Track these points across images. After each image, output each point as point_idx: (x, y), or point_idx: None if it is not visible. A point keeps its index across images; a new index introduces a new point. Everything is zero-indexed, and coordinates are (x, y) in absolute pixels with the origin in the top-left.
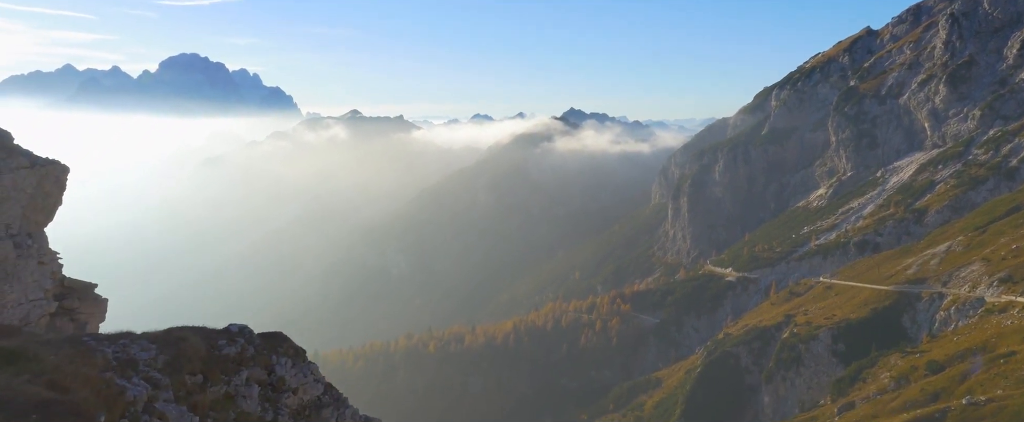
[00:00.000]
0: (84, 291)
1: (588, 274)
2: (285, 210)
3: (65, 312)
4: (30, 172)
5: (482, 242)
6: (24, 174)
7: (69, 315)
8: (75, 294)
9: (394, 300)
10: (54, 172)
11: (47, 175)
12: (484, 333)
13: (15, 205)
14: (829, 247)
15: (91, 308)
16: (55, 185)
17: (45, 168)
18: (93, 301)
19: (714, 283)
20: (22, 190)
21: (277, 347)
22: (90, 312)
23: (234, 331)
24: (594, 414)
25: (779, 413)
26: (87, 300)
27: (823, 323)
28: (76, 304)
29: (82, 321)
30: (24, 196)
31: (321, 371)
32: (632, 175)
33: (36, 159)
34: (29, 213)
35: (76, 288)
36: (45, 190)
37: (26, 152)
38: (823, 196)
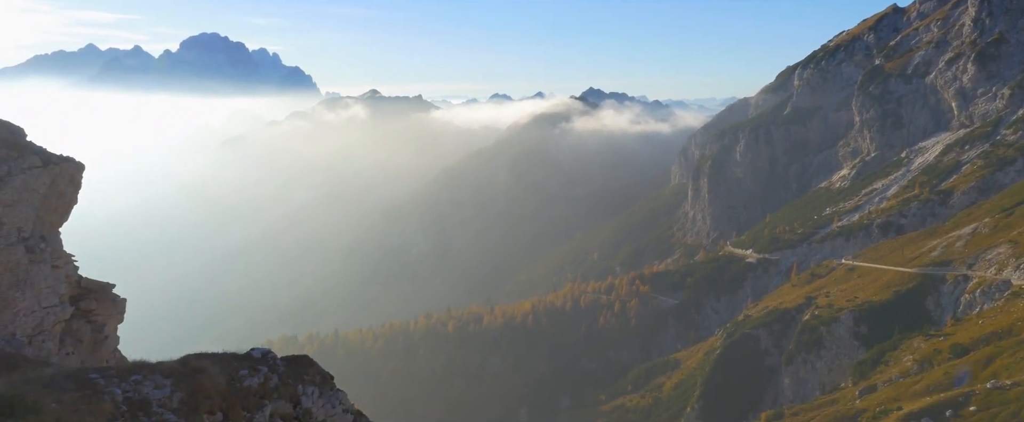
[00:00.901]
0: (101, 292)
1: (607, 255)
2: (304, 190)
3: (82, 314)
4: (43, 171)
5: (501, 222)
6: (36, 174)
7: (86, 317)
8: (92, 295)
9: (413, 280)
10: (68, 170)
11: (61, 174)
12: (503, 313)
13: (27, 207)
14: (852, 229)
15: (108, 309)
16: (70, 184)
17: (59, 166)
18: (111, 302)
19: (734, 264)
20: (35, 191)
21: (303, 374)
22: (107, 314)
23: (256, 357)
24: (612, 395)
25: (799, 395)
26: (104, 301)
27: (845, 305)
28: (93, 305)
29: (99, 323)
30: (37, 197)
31: (341, 350)
32: (652, 155)
33: (49, 157)
34: (42, 214)
35: (93, 289)
36: (59, 189)
37: (39, 149)
38: (846, 177)
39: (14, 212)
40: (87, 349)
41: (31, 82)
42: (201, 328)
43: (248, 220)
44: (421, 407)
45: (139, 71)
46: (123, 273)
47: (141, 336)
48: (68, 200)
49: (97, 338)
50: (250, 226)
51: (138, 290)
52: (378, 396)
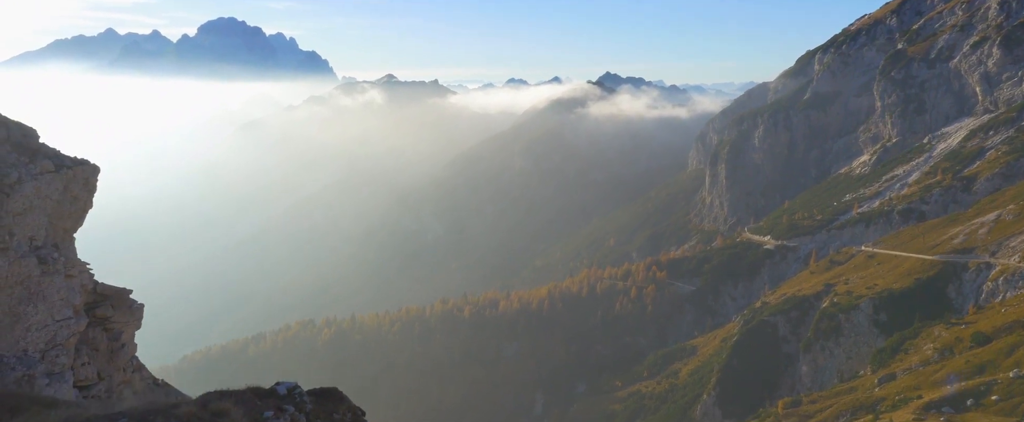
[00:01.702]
0: (118, 298)
1: (623, 241)
2: (321, 175)
3: (98, 321)
4: (56, 177)
5: (517, 208)
6: (49, 179)
7: (102, 325)
8: (108, 301)
9: (429, 265)
10: (82, 174)
11: (74, 178)
12: (519, 299)
13: (40, 214)
14: (872, 215)
15: (125, 316)
16: (84, 188)
17: (72, 170)
18: (127, 309)
19: (752, 251)
20: (47, 197)
21: (333, 412)
22: (124, 320)
23: (282, 394)
24: (628, 381)
25: (817, 383)
26: (121, 308)
27: (864, 293)
28: (109, 312)
29: (116, 331)
30: (49, 203)
31: (358, 335)
32: (669, 140)
33: (62, 160)
34: (56, 220)
35: (109, 295)
36: (73, 194)
37: (52, 152)
38: (867, 163)
39: (25, 221)
40: (104, 358)
41: (51, 67)
42: (218, 313)
43: (265, 205)
44: (437, 392)
45: (157, 55)
46: (140, 258)
47: (159, 322)
48: (82, 205)
49: (113, 346)
50: (267, 211)
51: (155, 275)
52: (394, 380)
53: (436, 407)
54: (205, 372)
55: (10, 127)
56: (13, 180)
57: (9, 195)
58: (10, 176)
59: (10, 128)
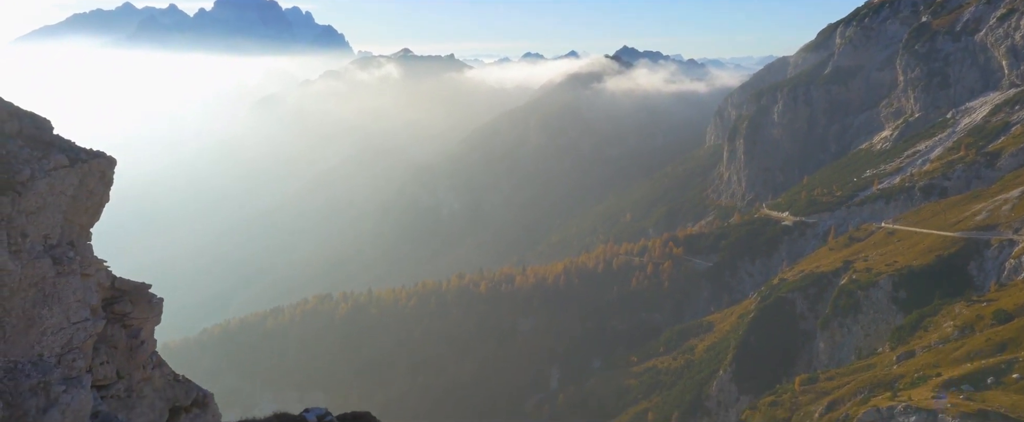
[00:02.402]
0: (136, 293)
1: (640, 216)
2: (338, 149)
3: (116, 318)
4: (70, 171)
5: (533, 183)
6: (63, 174)
7: (120, 321)
8: (127, 297)
9: (444, 239)
10: (99, 167)
11: (90, 171)
12: (535, 274)
13: (54, 212)
14: (892, 191)
15: (144, 312)
16: (100, 181)
17: (88, 164)
18: (147, 304)
19: (770, 227)
20: (62, 193)
21: None
22: (143, 316)
23: (311, 421)
24: (644, 356)
25: (834, 360)
26: (140, 303)
27: (884, 270)
28: (128, 309)
29: (135, 327)
30: (64, 199)
31: (375, 309)
32: (686, 115)
33: (77, 153)
34: (71, 217)
35: (127, 290)
36: (89, 188)
37: (66, 145)
38: (888, 138)
39: (39, 219)
40: (123, 356)
41: (70, 41)
42: (236, 286)
43: (281, 180)
44: (453, 366)
45: (174, 30)
46: (158, 232)
47: (178, 295)
48: (99, 199)
49: (133, 344)
50: (283, 186)
51: (173, 249)
52: (411, 354)
53: (452, 380)
54: (225, 344)
55: (22, 119)
56: (26, 177)
57: (22, 194)
58: (22, 173)
59: (22, 120)
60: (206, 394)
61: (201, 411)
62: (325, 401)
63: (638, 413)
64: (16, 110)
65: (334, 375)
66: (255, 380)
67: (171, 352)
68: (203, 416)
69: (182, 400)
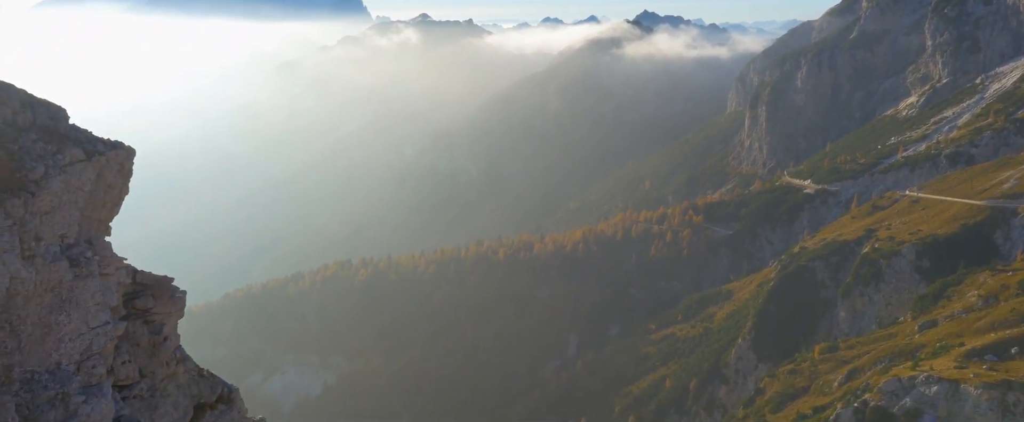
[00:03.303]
0: (159, 287)
1: (659, 183)
2: (356, 116)
3: (138, 314)
4: (87, 165)
5: (551, 149)
6: (79, 169)
7: (142, 317)
8: (148, 292)
9: (463, 206)
10: (117, 159)
11: (108, 164)
12: (553, 242)
13: (70, 209)
14: (918, 159)
15: (167, 307)
16: (119, 174)
17: (105, 157)
18: (169, 298)
19: (791, 195)
20: (78, 189)
21: None
22: (166, 312)
23: None
24: (662, 324)
25: (855, 329)
26: (163, 298)
27: (907, 238)
28: (150, 304)
29: (157, 323)
30: (81, 196)
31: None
32: (707, 81)
33: (94, 145)
34: (88, 212)
35: (149, 284)
36: (107, 182)
37: (82, 136)
38: (914, 105)
39: (54, 219)
40: (145, 354)
41: (90, 7)
42: (257, 252)
43: (300, 146)
44: (471, 333)
45: None
46: (179, 198)
47: (200, 260)
48: (118, 193)
49: (155, 341)
50: (302, 152)
51: (194, 215)
52: (429, 320)
53: (470, 347)
54: (248, 308)
55: (36, 109)
56: (39, 175)
57: (35, 194)
58: (36, 171)
59: (36, 110)
60: (232, 389)
61: (227, 407)
62: (345, 365)
63: (656, 380)
64: (29, 99)
65: (354, 340)
66: (277, 344)
67: (194, 317)
68: (229, 413)
69: (207, 396)
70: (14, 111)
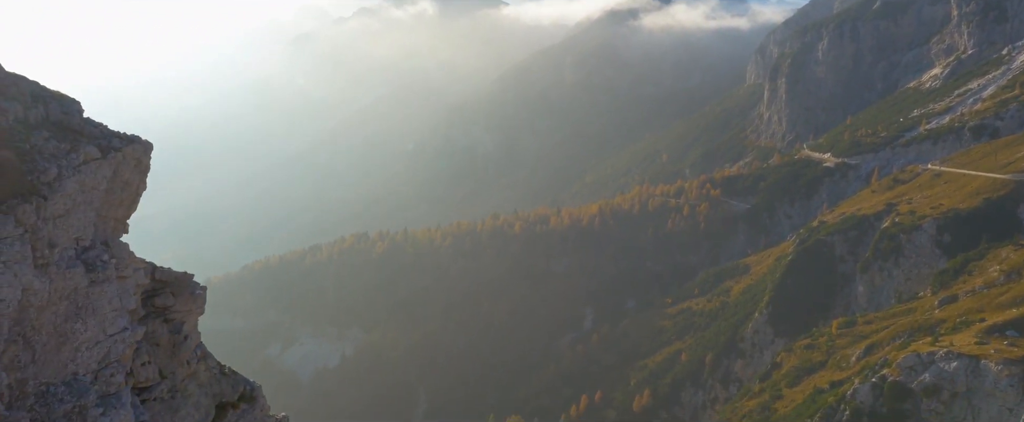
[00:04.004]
0: (178, 284)
1: (676, 157)
2: (372, 89)
3: (157, 312)
4: (102, 163)
5: (567, 123)
6: (94, 168)
7: (162, 316)
8: (168, 289)
9: (479, 179)
10: (133, 155)
11: (124, 161)
12: (569, 215)
13: (85, 210)
14: (941, 132)
15: (187, 304)
16: (135, 170)
17: (121, 153)
18: (189, 295)
19: (810, 169)
20: (94, 189)
21: None
22: (186, 309)
23: None
24: (679, 298)
25: (873, 303)
26: (182, 295)
27: (928, 213)
28: (170, 302)
29: (177, 321)
30: (96, 195)
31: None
32: (726, 53)
33: (110, 141)
34: (105, 212)
35: (168, 281)
36: (123, 180)
37: (97, 131)
38: (938, 76)
39: (68, 223)
40: (165, 353)
41: None
42: (274, 224)
43: (315, 119)
44: (487, 305)
45: None
46: (191, 173)
47: (218, 232)
48: (135, 190)
49: (176, 340)
50: (317, 125)
51: (212, 188)
52: (446, 293)
53: (486, 320)
54: (266, 280)
55: (48, 102)
56: (52, 177)
57: (48, 197)
58: (48, 173)
59: (48, 104)
60: (254, 387)
61: (249, 406)
62: (362, 337)
63: (672, 354)
64: (41, 92)
65: (370, 312)
66: (295, 315)
67: (214, 288)
68: (251, 411)
69: (229, 395)
70: (25, 107)
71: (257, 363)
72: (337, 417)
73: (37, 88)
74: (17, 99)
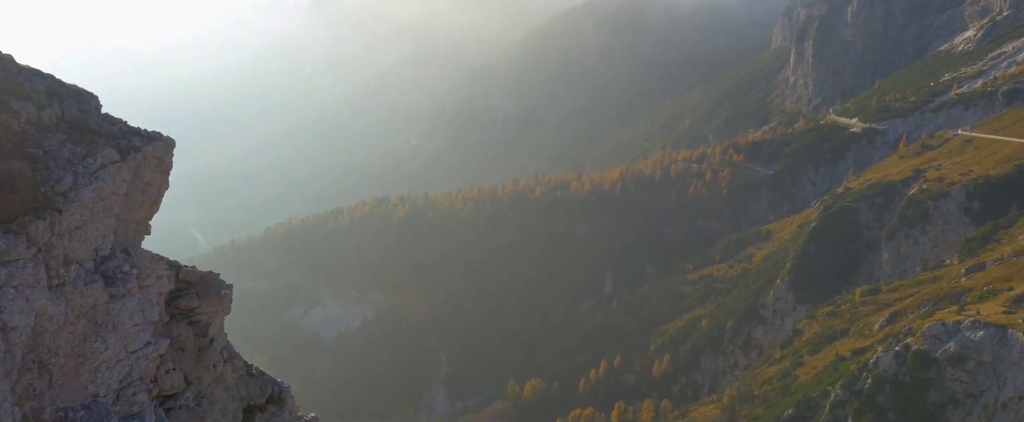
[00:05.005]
0: (204, 284)
1: (699, 122)
2: (394, 51)
3: (182, 315)
4: (122, 166)
5: (589, 86)
6: (113, 172)
7: (187, 318)
8: (193, 289)
9: (499, 143)
10: (155, 154)
11: (145, 161)
12: (590, 180)
13: (104, 219)
14: (973, 96)
15: (213, 305)
16: (157, 170)
17: (141, 153)
18: (215, 296)
19: (836, 134)
20: (113, 194)
21: None
22: (212, 311)
23: None
24: (700, 264)
25: (898, 271)
26: (208, 296)
27: (957, 179)
28: (195, 303)
29: (203, 323)
30: (116, 201)
31: (431, 213)
32: (752, 16)
33: (129, 141)
34: (125, 216)
35: (193, 281)
36: (144, 181)
37: (116, 129)
38: (971, 39)
39: (85, 234)
40: (191, 358)
41: None
42: (295, 187)
43: (336, 82)
44: (508, 270)
45: None
46: (211, 136)
47: (240, 195)
48: (157, 190)
49: (201, 343)
50: (338, 88)
51: (232, 149)
52: (466, 257)
53: (507, 284)
54: (289, 243)
55: (64, 100)
56: (67, 186)
57: (63, 210)
58: (63, 182)
59: (63, 101)
60: (282, 388)
61: (277, 409)
62: (384, 301)
63: (692, 320)
64: (56, 88)
65: (392, 276)
66: (317, 278)
67: (238, 250)
68: (280, 414)
69: (256, 397)
70: (39, 106)
71: (281, 324)
72: (359, 380)
73: (52, 83)
74: (30, 98)
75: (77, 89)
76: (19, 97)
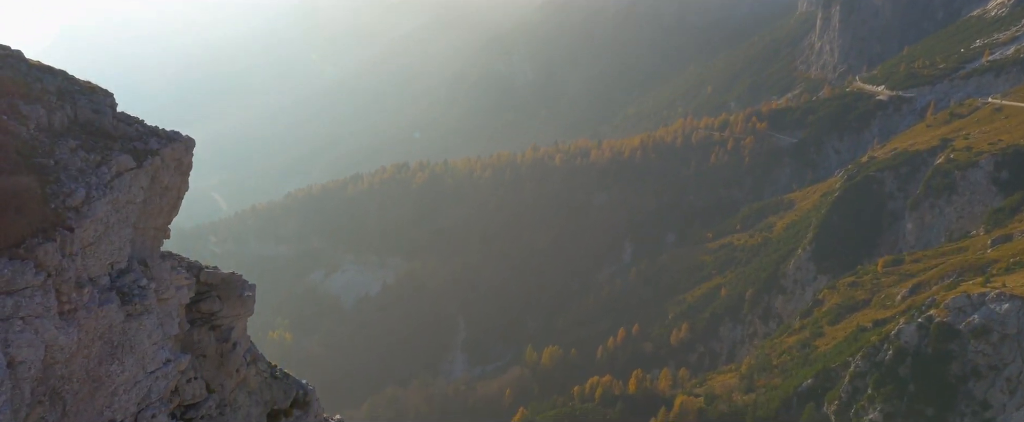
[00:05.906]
0: (225, 287)
1: (721, 89)
2: (413, 16)
3: (203, 319)
4: (138, 173)
5: (609, 52)
6: (129, 180)
7: (208, 322)
8: (214, 292)
9: (519, 110)
10: (173, 156)
11: (164, 165)
12: (610, 148)
13: (120, 230)
14: (1005, 63)
15: (235, 308)
16: (176, 173)
17: (159, 156)
18: (237, 299)
19: (862, 102)
20: (129, 204)
21: None
22: (234, 314)
23: None
24: (720, 233)
25: (922, 242)
26: (230, 299)
27: (986, 149)
28: (217, 307)
29: (226, 327)
30: (132, 211)
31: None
32: None
33: (145, 144)
34: (142, 224)
35: (215, 284)
36: (163, 185)
37: (133, 130)
38: (1005, 4)
39: (99, 251)
40: (213, 365)
41: None
42: (316, 152)
43: (358, 46)
44: (527, 236)
45: None
46: (232, 99)
47: (260, 159)
48: (175, 195)
49: (223, 349)
50: (360, 52)
51: (252, 114)
52: (486, 223)
53: (526, 251)
54: (309, 207)
55: (76, 101)
56: (79, 200)
57: (75, 227)
58: (75, 195)
59: (76, 102)
60: (307, 391)
61: (302, 413)
62: (403, 266)
63: (711, 288)
64: (68, 87)
65: (411, 241)
66: (338, 243)
67: (260, 215)
68: (305, 418)
69: (281, 401)
70: (49, 109)
71: (302, 289)
72: (379, 344)
73: (64, 82)
74: (40, 100)
75: (91, 87)
76: (28, 100)
